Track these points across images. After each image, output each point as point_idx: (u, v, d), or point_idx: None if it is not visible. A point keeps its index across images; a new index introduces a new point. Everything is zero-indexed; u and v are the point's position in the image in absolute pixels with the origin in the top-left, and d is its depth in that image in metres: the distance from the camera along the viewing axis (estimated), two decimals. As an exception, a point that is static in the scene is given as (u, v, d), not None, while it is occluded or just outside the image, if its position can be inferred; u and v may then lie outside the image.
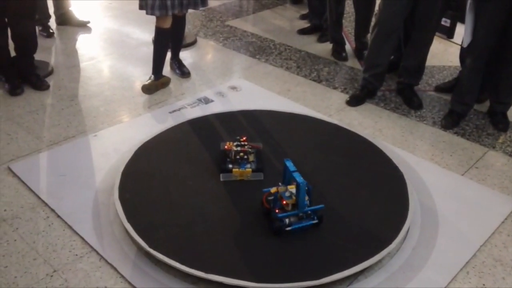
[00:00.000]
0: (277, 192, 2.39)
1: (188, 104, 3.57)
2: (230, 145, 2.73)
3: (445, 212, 2.64)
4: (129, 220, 2.38)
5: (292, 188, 2.39)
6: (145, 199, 2.55)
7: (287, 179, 2.45)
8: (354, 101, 3.70)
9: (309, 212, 2.39)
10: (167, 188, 2.64)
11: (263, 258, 2.24)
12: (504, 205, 2.74)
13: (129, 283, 2.16)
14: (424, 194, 2.77)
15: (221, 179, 2.66)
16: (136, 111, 3.48)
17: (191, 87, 3.84)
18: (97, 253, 2.31)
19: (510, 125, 3.49)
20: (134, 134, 3.14)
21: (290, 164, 2.43)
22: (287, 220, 2.34)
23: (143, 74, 3.89)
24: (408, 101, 3.72)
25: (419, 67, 3.70)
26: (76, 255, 2.30)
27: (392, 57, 3.88)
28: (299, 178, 2.32)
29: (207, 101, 3.63)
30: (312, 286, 2.12)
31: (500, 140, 3.34)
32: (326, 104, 3.68)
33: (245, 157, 2.70)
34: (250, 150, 2.73)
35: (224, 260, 2.22)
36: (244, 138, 2.78)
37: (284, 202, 2.35)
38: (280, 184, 2.46)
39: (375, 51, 3.63)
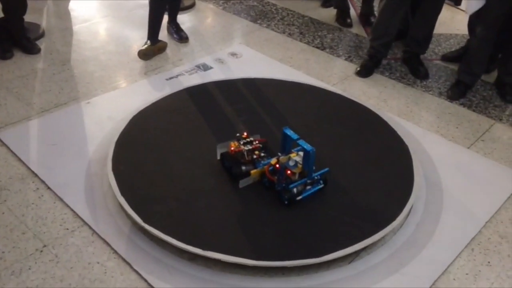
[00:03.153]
0: (280, 162, 2.30)
1: (186, 71, 3.46)
2: (236, 146, 2.43)
3: (450, 187, 2.58)
4: (123, 193, 2.29)
5: (294, 156, 2.31)
6: (141, 171, 2.45)
7: (288, 148, 2.38)
8: (365, 72, 3.57)
9: (316, 177, 2.34)
10: (164, 159, 2.54)
11: (263, 234, 2.17)
12: (511, 180, 2.66)
13: (123, 259, 2.09)
14: (429, 167, 2.70)
15: (240, 186, 2.33)
16: (132, 77, 3.37)
17: (189, 53, 3.72)
18: (90, 227, 2.23)
19: (518, 96, 3.40)
20: (129, 102, 3.04)
21: (291, 132, 2.35)
22: (295, 190, 2.27)
23: (140, 38, 3.75)
24: (414, 70, 3.62)
25: (427, 36, 3.58)
26: (67, 229, 2.22)
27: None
28: (306, 145, 2.26)
29: (206, 68, 3.51)
30: (313, 263, 2.06)
31: (507, 112, 3.26)
32: (329, 73, 3.57)
33: (262, 154, 2.43)
34: (260, 145, 2.47)
35: (223, 236, 2.14)
36: (246, 134, 2.50)
37: (289, 172, 2.27)
38: (279, 154, 2.37)
39: (385, 20, 3.49)
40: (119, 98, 3.11)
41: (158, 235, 2.10)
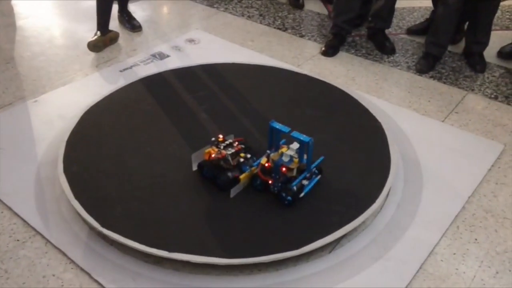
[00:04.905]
0: (272, 160, 2.11)
1: (141, 60, 3.26)
2: (216, 151, 2.16)
3: (428, 163, 2.46)
4: (77, 196, 2.09)
5: (286, 151, 2.11)
6: (96, 171, 2.25)
7: (276, 143, 2.18)
8: (331, 51, 3.44)
9: (313, 169, 2.17)
10: (121, 156, 2.34)
11: (234, 230, 2.00)
12: (489, 151, 2.57)
13: (81, 268, 1.90)
14: (404, 144, 2.58)
15: (232, 195, 2.10)
16: (83, 71, 3.15)
17: (143, 42, 3.52)
18: (42, 236, 2.03)
19: (488, 65, 3.32)
20: (81, 97, 2.83)
21: (280, 126, 2.16)
22: (295, 188, 2.07)
23: (88, 30, 3.53)
24: (380, 46, 3.51)
25: (391, 10, 3.47)
26: (18, 240, 2.01)
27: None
28: (302, 136, 2.08)
29: (162, 56, 3.32)
30: (291, 256, 1.90)
31: (478, 82, 3.17)
32: (293, 54, 3.42)
33: (248, 156, 2.20)
34: (243, 146, 2.23)
35: (190, 235, 1.96)
36: (221, 137, 2.23)
37: (284, 169, 2.07)
38: (268, 151, 2.18)
39: None
40: (70, 94, 2.90)
41: (118, 239, 1.91)
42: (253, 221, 2.03)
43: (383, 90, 3.05)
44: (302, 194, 2.10)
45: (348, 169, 2.32)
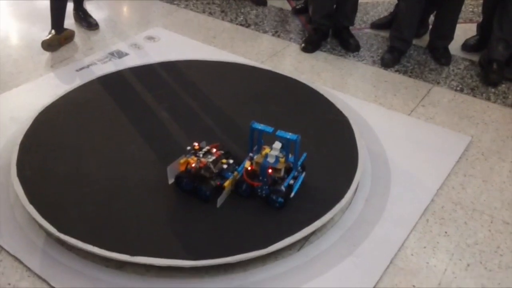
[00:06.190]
0: (256, 163, 2.03)
1: (98, 59, 3.15)
2: (195, 161, 2.02)
3: (395, 157, 2.43)
4: (32, 201, 1.98)
5: (269, 151, 2.03)
6: (51, 175, 2.14)
7: (259, 144, 2.10)
8: (311, 47, 3.39)
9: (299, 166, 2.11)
10: (78, 159, 2.23)
11: (199, 231, 1.91)
12: (456, 143, 2.56)
13: (38, 276, 1.79)
14: (371, 138, 2.54)
15: (218, 205, 2.00)
16: (37, 71, 3.02)
17: (100, 40, 3.40)
18: (-4, 245, 1.92)
19: (452, 58, 3.32)
20: (35, 99, 2.70)
21: (262, 126, 2.08)
22: (284, 189, 1.99)
23: (43, 30, 3.40)
24: (345, 43, 3.48)
25: (354, 8, 3.46)
26: (-31, 251, 1.89)
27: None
28: (288, 135, 2.01)
29: (120, 55, 3.21)
30: (258, 256, 1.83)
31: (443, 75, 3.17)
32: (257, 50, 3.35)
33: (230, 161, 2.10)
34: (222, 152, 2.12)
35: (153, 237, 1.87)
36: (197, 145, 2.10)
37: (270, 170, 1.99)
38: (251, 154, 2.11)
39: None
40: (23, 96, 2.78)
41: (77, 244, 1.81)
42: (218, 220, 1.95)
43: (348, 85, 3.01)
44: (292, 194, 2.04)
45: (315, 165, 2.26)
